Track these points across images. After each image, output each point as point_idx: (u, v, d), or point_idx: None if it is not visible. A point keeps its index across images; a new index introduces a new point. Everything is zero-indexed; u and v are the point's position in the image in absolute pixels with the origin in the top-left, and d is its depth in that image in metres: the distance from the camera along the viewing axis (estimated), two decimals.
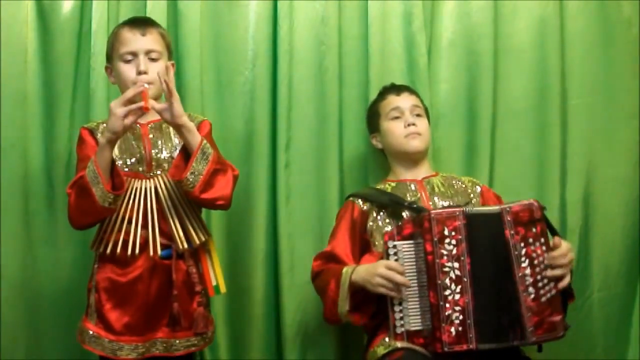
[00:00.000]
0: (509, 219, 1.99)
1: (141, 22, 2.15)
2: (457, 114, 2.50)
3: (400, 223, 2.09)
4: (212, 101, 2.49)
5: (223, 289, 2.16)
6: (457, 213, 2.00)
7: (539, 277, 1.98)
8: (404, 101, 2.30)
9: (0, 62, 2.42)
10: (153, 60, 2.10)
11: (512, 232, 1.98)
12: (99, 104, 2.40)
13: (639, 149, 2.57)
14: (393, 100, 2.30)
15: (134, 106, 1.95)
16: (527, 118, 2.55)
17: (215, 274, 2.15)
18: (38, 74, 2.45)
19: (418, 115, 2.29)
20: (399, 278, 1.99)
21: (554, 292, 1.98)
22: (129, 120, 1.96)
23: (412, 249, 2.02)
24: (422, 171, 2.30)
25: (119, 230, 2.05)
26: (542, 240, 1.99)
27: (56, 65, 2.46)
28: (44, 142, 2.46)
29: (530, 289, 1.97)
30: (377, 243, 2.17)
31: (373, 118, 2.37)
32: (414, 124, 2.25)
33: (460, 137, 2.51)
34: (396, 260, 2.02)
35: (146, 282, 2.07)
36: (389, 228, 2.15)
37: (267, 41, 2.49)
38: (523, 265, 1.98)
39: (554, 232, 2.07)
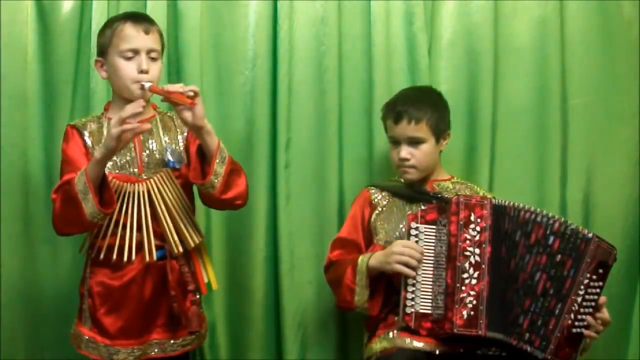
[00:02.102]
0: (592, 247, 1.99)
1: (143, 20, 2.11)
2: (457, 114, 2.48)
3: (425, 207, 2.11)
4: (212, 101, 2.49)
5: (215, 285, 2.17)
6: (485, 202, 2.04)
7: (582, 310, 2.00)
8: (401, 131, 2.20)
9: (0, 62, 2.42)
10: (153, 59, 2.07)
11: (589, 260, 1.99)
12: (99, 104, 2.39)
13: (639, 149, 2.57)
14: (391, 127, 2.24)
15: (127, 127, 1.86)
16: (527, 118, 2.55)
17: (207, 271, 2.15)
18: (38, 74, 2.45)
19: (416, 142, 2.20)
20: (414, 254, 2.03)
21: (583, 330, 2.01)
22: (123, 143, 1.91)
23: (434, 233, 2.06)
24: (430, 177, 2.28)
25: (113, 235, 2.04)
26: (601, 284, 2.01)
27: (56, 65, 2.46)
28: (44, 142, 2.46)
29: (572, 315, 1.99)
30: (379, 237, 2.19)
31: (384, 125, 2.32)
32: (406, 159, 2.20)
33: (460, 137, 2.51)
34: (416, 242, 2.05)
35: (140, 284, 2.07)
36: (391, 223, 2.18)
37: (267, 41, 2.49)
38: (580, 292, 1.99)
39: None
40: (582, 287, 1.98)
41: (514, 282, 2.02)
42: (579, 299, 1.99)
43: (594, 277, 1.99)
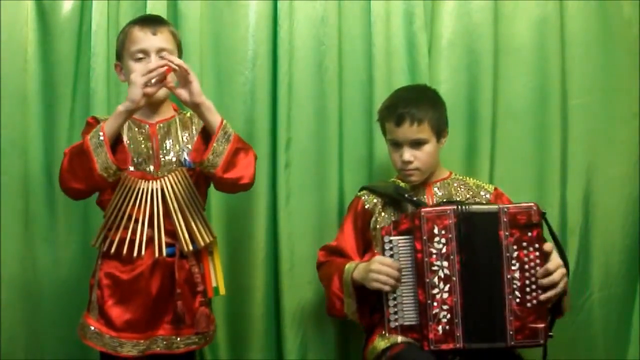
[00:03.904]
0: (505, 219, 1.97)
1: (152, 21, 2.13)
2: (457, 114, 2.49)
3: (397, 218, 2.08)
4: (212, 101, 2.48)
5: (222, 291, 2.17)
6: (448, 211, 1.99)
7: (527, 282, 1.97)
8: (403, 133, 2.15)
9: (0, 62, 2.42)
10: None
11: (507, 233, 1.97)
12: (99, 104, 2.41)
13: (639, 149, 2.57)
14: (392, 129, 2.19)
15: (154, 73, 1.94)
16: (527, 118, 2.55)
17: (216, 276, 2.15)
18: (38, 74, 2.46)
19: (418, 143, 2.16)
20: (391, 272, 2.00)
21: (541, 299, 1.97)
22: (149, 90, 1.95)
23: (409, 244, 2.02)
24: (431, 178, 2.26)
25: (125, 229, 2.05)
26: (537, 245, 1.97)
27: (56, 65, 2.46)
28: (44, 142, 2.46)
29: (517, 293, 1.96)
30: (379, 247, 2.15)
31: (382, 128, 2.28)
32: (409, 162, 2.16)
33: (460, 137, 2.51)
34: (392, 255, 2.02)
35: (148, 279, 2.07)
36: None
37: (267, 41, 2.49)
38: (513, 268, 1.97)
39: (554, 238, 2.05)
40: (514, 261, 1.96)
41: (485, 287, 1.99)
42: (517, 274, 1.96)
43: (525, 243, 1.96)
